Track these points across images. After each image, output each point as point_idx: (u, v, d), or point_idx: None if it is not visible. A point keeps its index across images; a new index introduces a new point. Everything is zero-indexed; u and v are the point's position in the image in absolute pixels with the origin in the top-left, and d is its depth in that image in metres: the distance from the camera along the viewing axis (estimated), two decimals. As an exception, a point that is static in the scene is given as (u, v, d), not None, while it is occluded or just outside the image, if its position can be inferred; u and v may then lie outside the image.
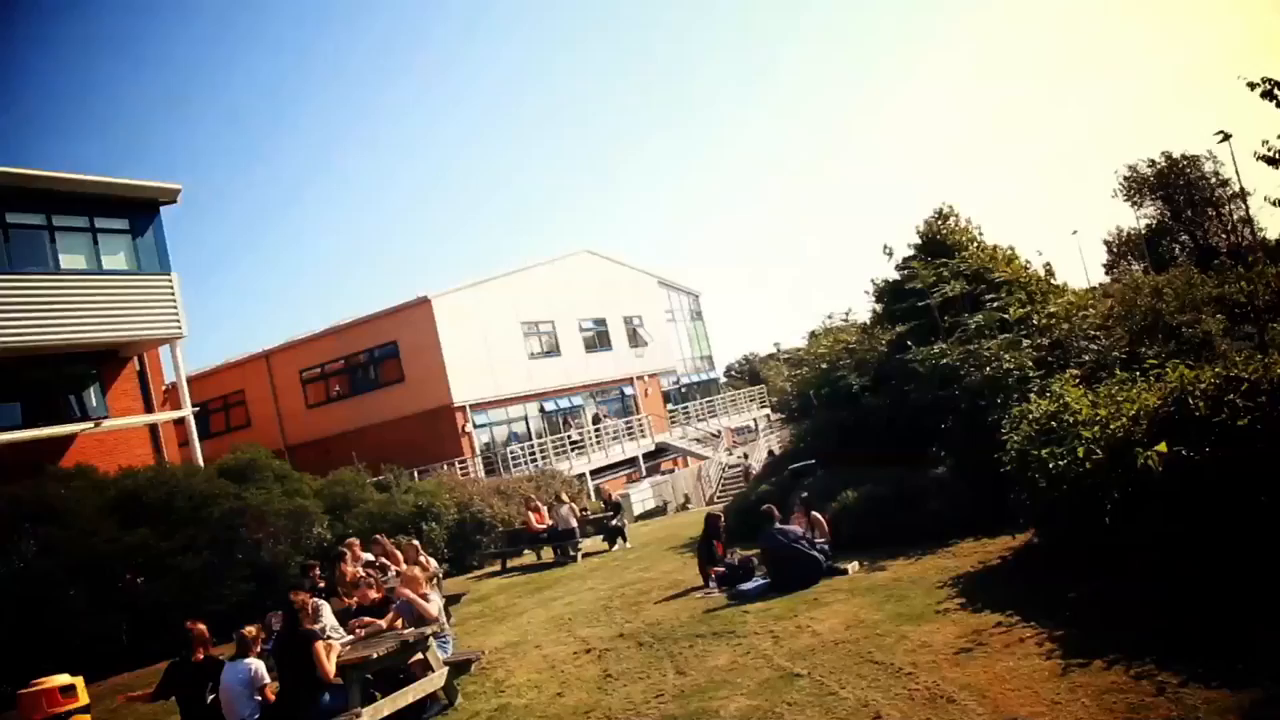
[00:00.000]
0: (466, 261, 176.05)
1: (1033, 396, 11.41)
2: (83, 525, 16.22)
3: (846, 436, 15.59)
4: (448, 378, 35.62)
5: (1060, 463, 8.90)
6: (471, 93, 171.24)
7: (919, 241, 17.63)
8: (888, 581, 10.68)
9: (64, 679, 8.48)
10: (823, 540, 11.94)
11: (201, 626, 8.94)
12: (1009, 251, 16.69)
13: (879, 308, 17.38)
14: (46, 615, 14.91)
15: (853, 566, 11.60)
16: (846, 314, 18.22)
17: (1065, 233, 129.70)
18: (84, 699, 8.51)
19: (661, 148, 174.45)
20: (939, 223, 17.68)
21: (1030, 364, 13.01)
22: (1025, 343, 13.46)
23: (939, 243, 17.10)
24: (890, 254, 17.34)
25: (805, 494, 13.12)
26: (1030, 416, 10.30)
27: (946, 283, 15.06)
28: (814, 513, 12.39)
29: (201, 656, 8.79)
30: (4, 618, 14.74)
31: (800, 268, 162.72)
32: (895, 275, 17.19)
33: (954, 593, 9.54)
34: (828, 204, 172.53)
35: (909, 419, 14.05)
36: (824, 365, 17.10)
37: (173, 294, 23.96)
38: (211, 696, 8.54)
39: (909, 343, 14.77)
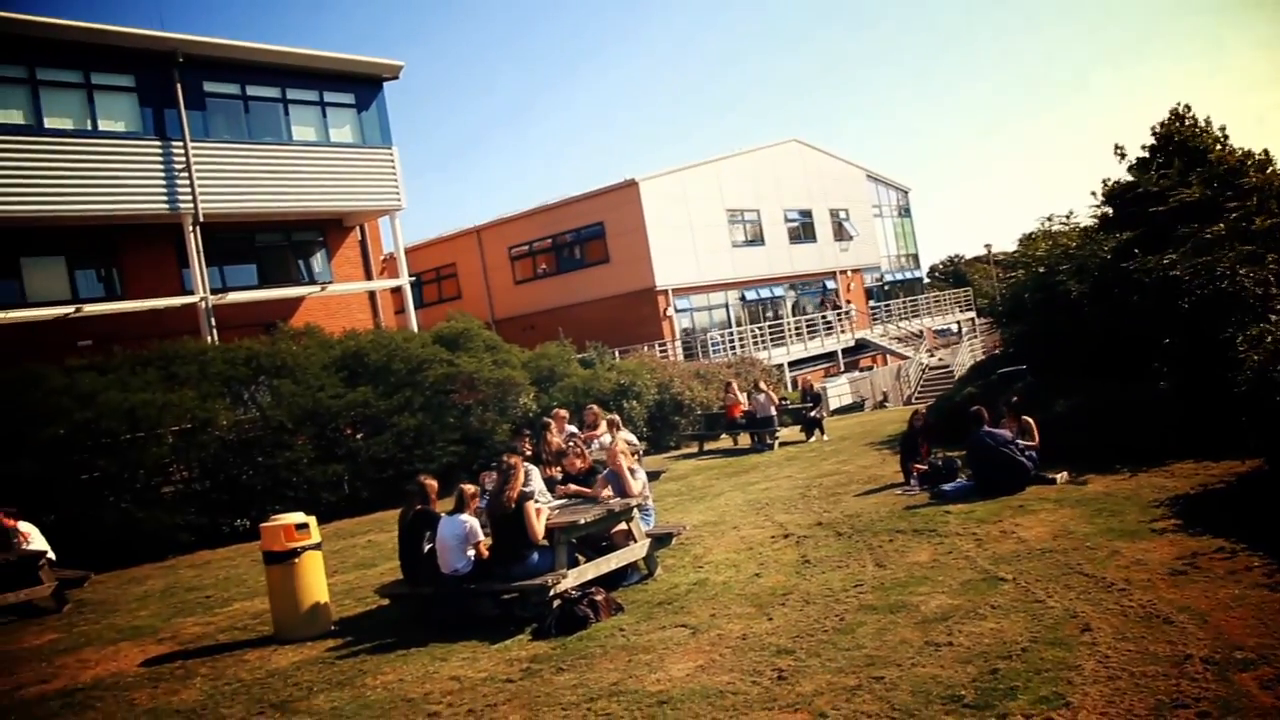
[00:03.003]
0: (674, 148, 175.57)
1: (1275, 316, 10.66)
2: (310, 380, 17.36)
3: (1059, 344, 14.97)
4: (651, 261, 36.03)
5: (1305, 387, 8.34)
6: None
7: (1153, 143, 16.57)
8: (1098, 495, 10.34)
9: (299, 517, 9.13)
10: (1031, 447, 11.62)
11: (432, 481, 9.48)
12: (1262, 156, 15.43)
13: (1108, 211, 16.44)
14: (279, 460, 16.18)
15: (1061, 476, 11.29)
16: (1067, 216, 17.23)
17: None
18: (316, 537, 9.16)
19: (880, 40, 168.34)
20: (1175, 124, 16.53)
21: (1274, 280, 12.13)
22: (1270, 257, 12.51)
23: (1179, 145, 16.00)
24: (1123, 155, 16.39)
25: (1015, 399, 12.74)
26: (1273, 336, 9.64)
27: (1187, 187, 14.12)
28: (1024, 418, 12.05)
29: (420, 508, 9.30)
30: (244, 460, 16.09)
31: (1019, 166, 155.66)
32: (1127, 177, 16.22)
33: (1170, 512, 9.16)
34: (1053, 104, 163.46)
35: (1130, 331, 13.38)
36: (1040, 269, 16.35)
37: (393, 167, 25.00)
38: (429, 546, 9.06)
39: (1135, 250, 13.97)
